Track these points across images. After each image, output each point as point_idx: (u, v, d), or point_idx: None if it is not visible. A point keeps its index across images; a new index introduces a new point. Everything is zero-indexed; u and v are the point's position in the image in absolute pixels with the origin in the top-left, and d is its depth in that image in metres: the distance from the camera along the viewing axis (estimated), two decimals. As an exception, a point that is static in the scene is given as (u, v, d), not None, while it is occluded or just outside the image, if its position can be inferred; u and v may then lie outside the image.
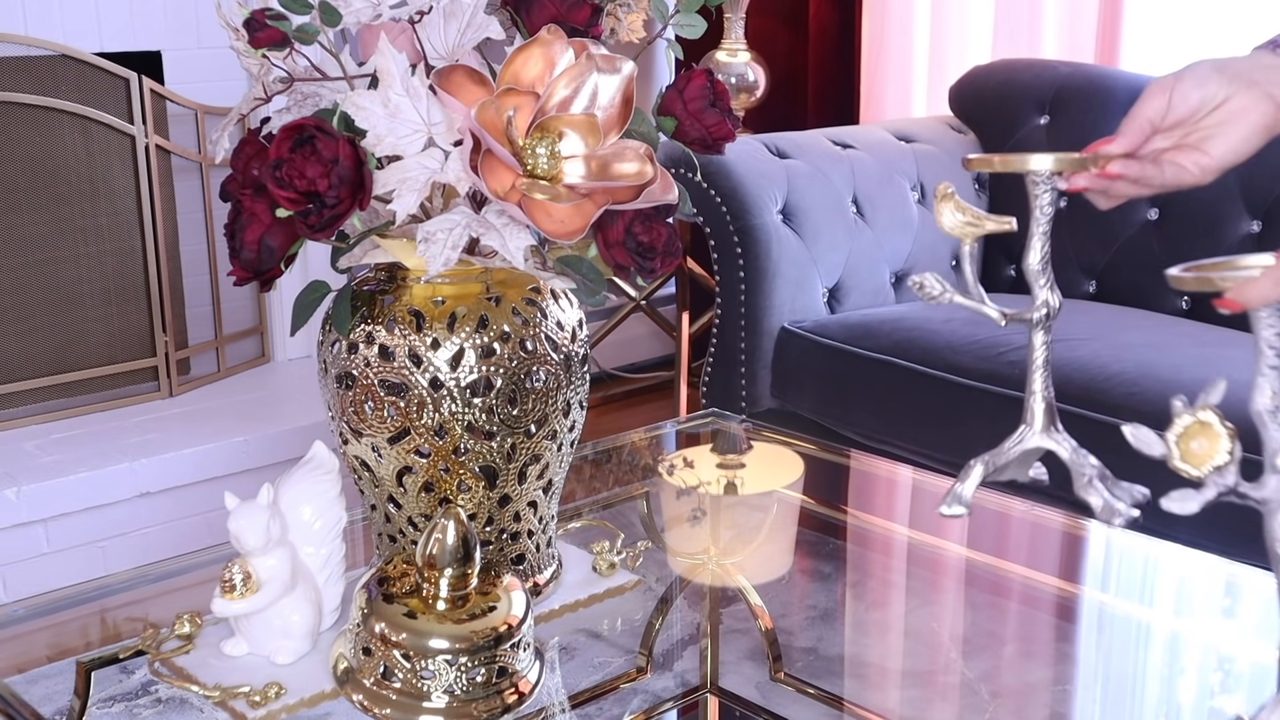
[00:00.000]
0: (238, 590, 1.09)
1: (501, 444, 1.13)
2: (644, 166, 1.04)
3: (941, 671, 1.20)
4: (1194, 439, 0.84)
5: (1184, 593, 1.42)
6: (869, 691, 1.17)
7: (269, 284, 1.08)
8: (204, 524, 2.38)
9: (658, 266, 1.10)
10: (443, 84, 1.02)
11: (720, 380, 2.47)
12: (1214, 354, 2.09)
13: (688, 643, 1.23)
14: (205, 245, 2.69)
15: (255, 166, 1.04)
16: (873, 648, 1.28)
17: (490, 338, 1.11)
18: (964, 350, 2.18)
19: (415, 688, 1.01)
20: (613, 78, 1.04)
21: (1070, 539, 1.50)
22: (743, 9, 3.20)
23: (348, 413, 1.14)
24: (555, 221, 1.00)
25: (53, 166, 2.43)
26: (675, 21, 1.17)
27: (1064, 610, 1.36)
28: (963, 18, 3.08)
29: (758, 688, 1.15)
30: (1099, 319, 2.31)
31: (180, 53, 2.62)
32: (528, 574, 1.21)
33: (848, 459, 1.69)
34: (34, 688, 1.11)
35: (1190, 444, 0.82)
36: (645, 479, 1.65)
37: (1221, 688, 1.22)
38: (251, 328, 2.82)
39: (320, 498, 1.14)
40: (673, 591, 1.31)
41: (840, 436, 2.31)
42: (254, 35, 1.03)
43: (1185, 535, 1.83)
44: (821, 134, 2.69)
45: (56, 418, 2.47)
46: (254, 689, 1.07)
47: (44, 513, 2.20)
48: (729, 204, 2.38)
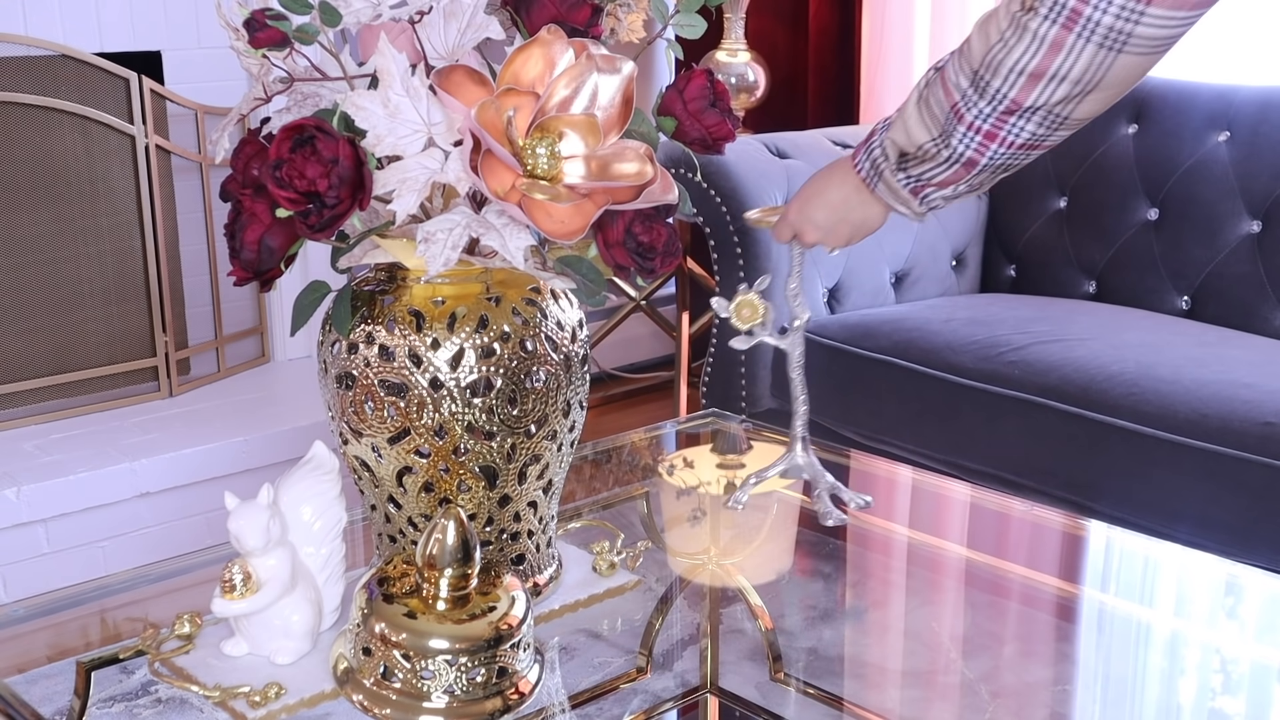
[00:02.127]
0: (238, 590, 1.09)
1: (501, 444, 1.13)
2: (644, 166, 1.04)
3: (941, 671, 1.20)
4: (744, 308, 1.30)
5: (1184, 593, 1.41)
6: (869, 691, 1.17)
7: (269, 284, 1.08)
8: (204, 524, 2.38)
9: (658, 266, 1.10)
10: (443, 84, 1.02)
11: (720, 380, 2.47)
12: (1214, 354, 2.08)
13: (688, 643, 1.23)
14: (205, 245, 2.69)
15: (255, 166, 1.04)
16: (873, 648, 1.28)
17: (490, 338, 1.11)
18: (964, 350, 2.18)
19: (415, 688, 1.01)
20: (613, 78, 1.04)
21: (1070, 539, 1.50)
22: (743, 9, 3.20)
23: (348, 413, 1.14)
24: (555, 221, 1.00)
25: (53, 166, 2.43)
26: (675, 21, 1.17)
27: (1064, 610, 1.36)
28: (963, 18, 3.08)
29: (758, 688, 1.15)
30: (1099, 319, 2.31)
31: (180, 53, 2.62)
32: (528, 574, 1.21)
33: (848, 459, 1.69)
34: (34, 688, 1.11)
35: (742, 311, 1.29)
36: (645, 479, 1.65)
37: (1221, 688, 1.22)
38: (251, 328, 2.82)
39: (320, 498, 1.14)
40: (673, 591, 1.31)
41: (840, 436, 2.31)
42: (254, 35, 1.03)
43: (1185, 535, 1.83)
44: (821, 134, 2.68)
45: (56, 418, 2.47)
46: (254, 689, 1.07)
47: (44, 513, 2.20)
48: (729, 204, 2.37)
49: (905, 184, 1.19)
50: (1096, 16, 1.02)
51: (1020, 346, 2.14)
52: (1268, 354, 2.11)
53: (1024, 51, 1.06)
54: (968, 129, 1.12)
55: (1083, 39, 1.03)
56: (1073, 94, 1.07)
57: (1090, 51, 1.04)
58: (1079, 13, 1.03)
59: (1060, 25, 1.04)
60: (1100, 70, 1.05)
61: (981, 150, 1.12)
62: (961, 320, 2.29)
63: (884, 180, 1.21)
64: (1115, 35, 1.02)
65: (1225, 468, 1.83)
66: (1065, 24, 1.03)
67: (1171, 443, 1.88)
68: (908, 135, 1.17)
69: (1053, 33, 1.04)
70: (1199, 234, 2.43)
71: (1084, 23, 1.03)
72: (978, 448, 2.12)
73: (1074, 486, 1.99)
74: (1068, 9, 1.03)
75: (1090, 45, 1.03)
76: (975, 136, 1.12)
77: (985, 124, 1.11)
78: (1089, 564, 1.48)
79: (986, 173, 1.15)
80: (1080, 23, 1.03)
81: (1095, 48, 1.03)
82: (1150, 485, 1.91)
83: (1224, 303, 2.40)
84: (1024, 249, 2.68)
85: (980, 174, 1.15)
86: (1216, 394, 1.90)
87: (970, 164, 1.14)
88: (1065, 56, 1.05)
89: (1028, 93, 1.07)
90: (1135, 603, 1.38)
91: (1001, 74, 1.08)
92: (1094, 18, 1.02)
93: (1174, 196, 2.47)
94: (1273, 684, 1.24)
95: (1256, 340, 2.24)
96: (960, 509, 1.61)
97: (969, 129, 1.12)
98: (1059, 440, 2.01)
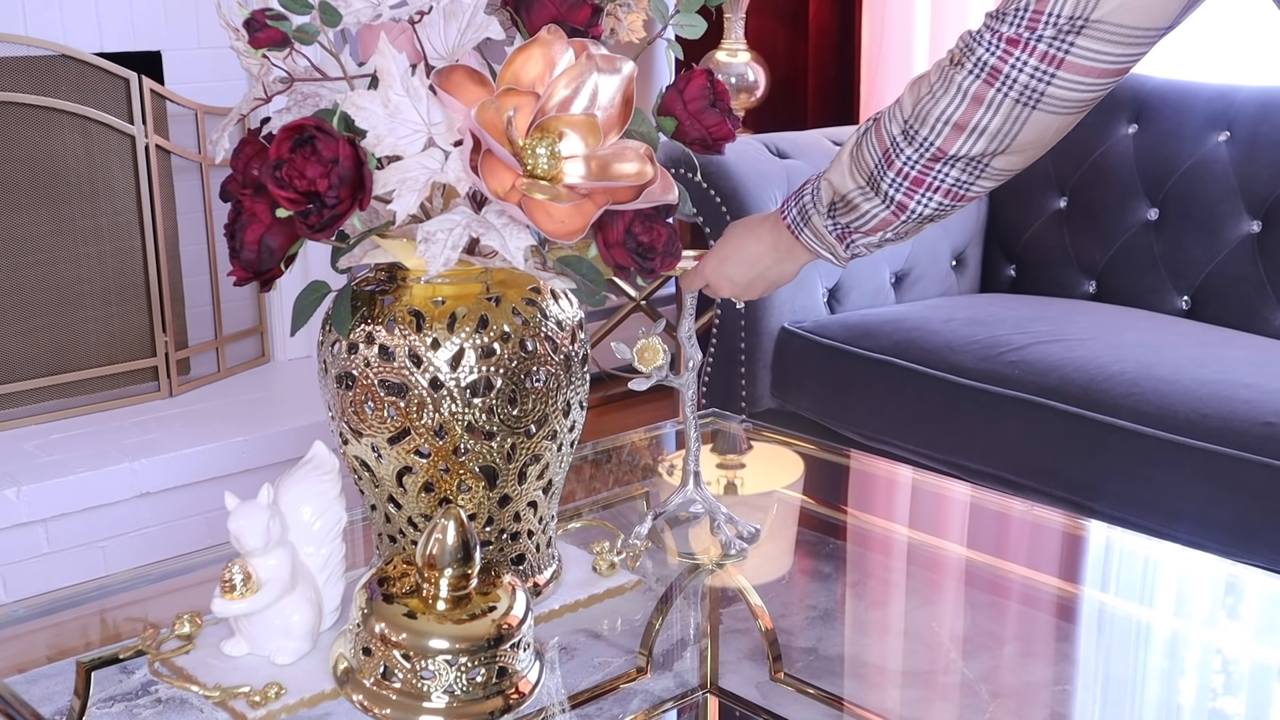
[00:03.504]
0: (238, 590, 1.09)
1: (501, 444, 1.13)
2: (644, 166, 1.04)
3: (941, 671, 1.20)
4: (646, 351, 1.31)
5: (1184, 593, 1.41)
6: (869, 691, 1.17)
7: (269, 284, 1.08)
8: (204, 524, 2.38)
9: (658, 266, 1.10)
10: (443, 84, 1.02)
11: (720, 380, 2.47)
12: (1214, 354, 2.09)
13: (688, 643, 1.23)
14: (205, 245, 2.68)
15: (255, 166, 1.04)
16: (873, 648, 1.28)
17: (490, 338, 1.11)
18: (964, 350, 2.18)
19: (415, 688, 1.01)
20: (613, 78, 1.04)
21: (1070, 539, 1.50)
22: (743, 9, 3.20)
23: (348, 413, 1.14)
24: (555, 221, 1.00)
25: (53, 166, 2.43)
26: (675, 21, 1.17)
27: (1064, 610, 1.36)
28: (963, 18, 3.08)
29: (758, 688, 1.15)
30: (1099, 319, 2.31)
31: (180, 53, 2.62)
32: (528, 574, 1.21)
33: (848, 459, 1.69)
34: (34, 688, 1.11)
35: (644, 354, 1.31)
36: (645, 479, 1.65)
37: (1221, 688, 1.22)
38: (251, 328, 2.82)
39: (320, 498, 1.14)
40: (673, 591, 1.31)
41: (840, 436, 2.31)
42: (254, 35, 1.03)
43: (1185, 535, 1.83)
44: (821, 134, 2.68)
45: (56, 418, 2.47)
46: (254, 689, 1.07)
47: (44, 513, 2.20)
48: (729, 204, 2.38)
49: (832, 230, 1.25)
50: (1013, 75, 1.10)
51: (1020, 346, 2.14)
52: (1268, 354, 2.11)
53: (949, 103, 1.14)
54: (896, 174, 1.18)
55: (1000, 93, 1.11)
56: (991, 148, 1.14)
57: (1007, 107, 1.12)
58: (998, 70, 1.10)
59: (982, 80, 1.12)
60: (1017, 124, 1.13)
61: (909, 195, 1.19)
62: (961, 320, 2.29)
63: (810, 225, 1.27)
64: (1029, 93, 1.10)
65: (1225, 468, 1.83)
66: (987, 79, 1.11)
67: (1171, 443, 1.88)
68: (841, 179, 1.23)
69: (975, 87, 1.12)
70: (1199, 234, 2.43)
71: (1002, 80, 1.11)
72: (978, 448, 2.12)
73: (1074, 486, 1.99)
74: (988, 66, 1.11)
75: (1008, 100, 1.11)
76: (903, 182, 1.18)
77: (913, 170, 1.18)
78: (1089, 564, 1.48)
79: (912, 222, 1.21)
80: (999, 80, 1.11)
81: (1012, 103, 1.11)
82: (1150, 485, 1.91)
83: (1224, 303, 2.40)
84: (1024, 249, 2.68)
85: (906, 223, 1.22)
86: (1216, 394, 1.90)
87: (900, 208, 1.20)
88: (985, 110, 1.13)
89: (951, 142, 1.15)
90: (1135, 603, 1.38)
91: (929, 124, 1.15)
92: (1011, 75, 1.10)
93: (1174, 196, 2.47)
94: (1273, 684, 1.24)
95: (1256, 340, 2.24)
96: (960, 509, 1.61)
97: (898, 175, 1.18)
98: (1059, 440, 2.01)
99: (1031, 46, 1.08)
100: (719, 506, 1.40)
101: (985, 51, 1.11)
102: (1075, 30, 1.06)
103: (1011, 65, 1.10)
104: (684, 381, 1.38)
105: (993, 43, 1.10)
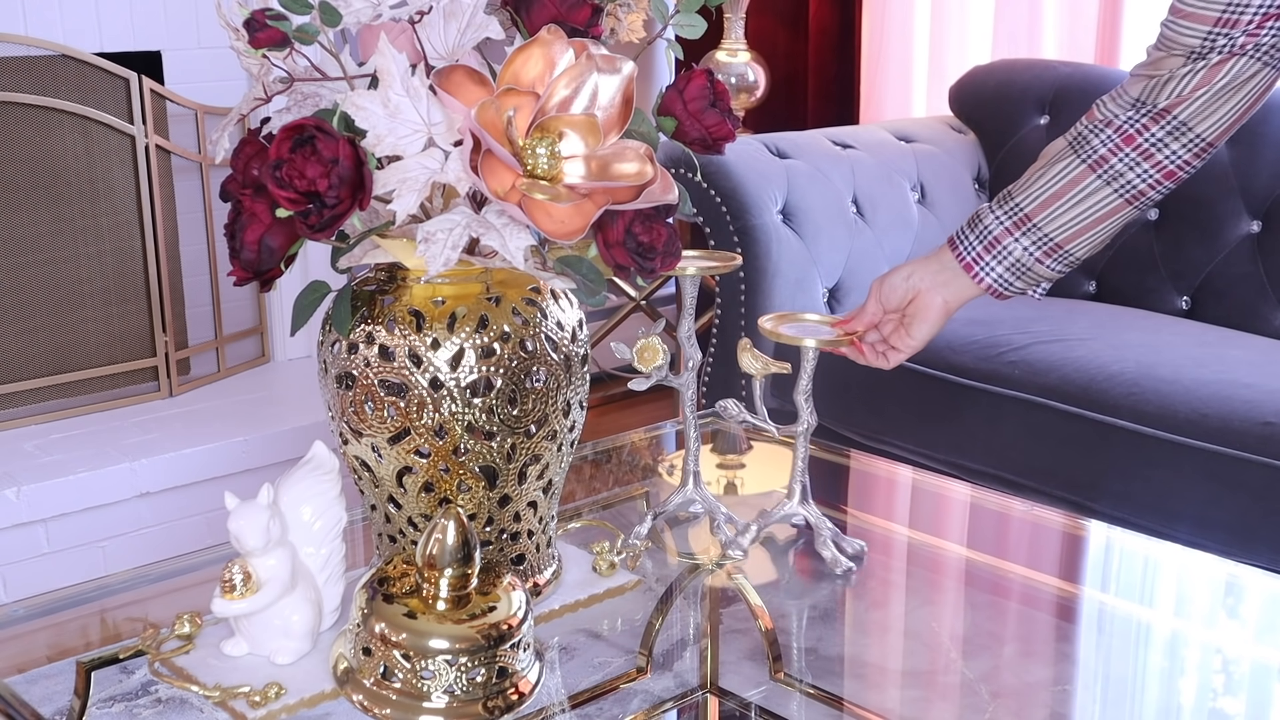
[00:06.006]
0: (238, 590, 1.09)
1: (501, 444, 1.13)
2: (644, 166, 1.04)
3: (941, 671, 1.20)
4: (645, 351, 1.31)
5: (1184, 593, 1.41)
6: (869, 691, 1.17)
7: (269, 284, 1.08)
8: (204, 524, 2.38)
9: (658, 266, 1.10)
10: (443, 84, 1.02)
11: (720, 380, 2.47)
12: (1214, 354, 2.09)
13: (688, 643, 1.23)
14: (205, 245, 2.69)
15: (255, 166, 1.04)
16: (873, 648, 1.28)
17: (490, 338, 1.11)
18: (964, 350, 2.18)
19: (415, 688, 1.01)
20: (613, 78, 1.04)
21: (1070, 539, 1.50)
22: (743, 9, 3.20)
23: (348, 413, 1.14)
24: (555, 221, 1.00)
25: (53, 166, 2.43)
26: (675, 21, 1.17)
27: (1064, 610, 1.36)
28: (963, 18, 3.08)
29: (758, 688, 1.15)
30: (1099, 319, 2.31)
31: (180, 53, 2.62)
32: (528, 574, 1.21)
33: (848, 459, 1.69)
34: (34, 688, 1.11)
35: (644, 354, 1.31)
36: (645, 479, 1.65)
37: (1221, 688, 1.22)
38: (251, 328, 2.82)
39: (320, 498, 1.14)
40: (673, 591, 1.31)
41: (840, 436, 2.31)
42: (254, 35, 1.02)
43: (1185, 535, 1.83)
44: (821, 134, 2.68)
45: (56, 418, 2.47)
46: (254, 689, 1.07)
47: (44, 513, 2.20)
48: (729, 204, 2.38)
49: (1032, 250, 1.34)
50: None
51: (1020, 346, 2.14)
52: (1268, 354, 2.11)
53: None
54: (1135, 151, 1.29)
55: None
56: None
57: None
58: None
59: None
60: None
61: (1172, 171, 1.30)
62: (961, 320, 2.29)
63: (999, 257, 1.36)
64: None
65: (1225, 468, 1.83)
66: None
67: (1171, 443, 1.88)
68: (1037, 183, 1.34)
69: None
70: (1199, 234, 2.43)
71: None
72: (978, 448, 2.12)
73: (1074, 486, 1.99)
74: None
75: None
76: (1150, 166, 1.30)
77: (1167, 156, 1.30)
78: (1089, 564, 1.48)
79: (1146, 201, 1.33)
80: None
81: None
82: (1150, 485, 1.91)
83: (1224, 303, 2.40)
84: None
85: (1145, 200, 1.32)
86: (1216, 394, 1.90)
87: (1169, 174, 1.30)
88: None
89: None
90: (1135, 603, 1.38)
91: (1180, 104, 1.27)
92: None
93: (1174, 196, 2.46)
94: (1273, 684, 1.24)
95: (1256, 340, 2.24)
96: (960, 509, 1.61)
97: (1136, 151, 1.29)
98: (1059, 440, 2.01)
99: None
100: (719, 506, 1.40)
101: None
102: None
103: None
104: (684, 381, 1.38)
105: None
